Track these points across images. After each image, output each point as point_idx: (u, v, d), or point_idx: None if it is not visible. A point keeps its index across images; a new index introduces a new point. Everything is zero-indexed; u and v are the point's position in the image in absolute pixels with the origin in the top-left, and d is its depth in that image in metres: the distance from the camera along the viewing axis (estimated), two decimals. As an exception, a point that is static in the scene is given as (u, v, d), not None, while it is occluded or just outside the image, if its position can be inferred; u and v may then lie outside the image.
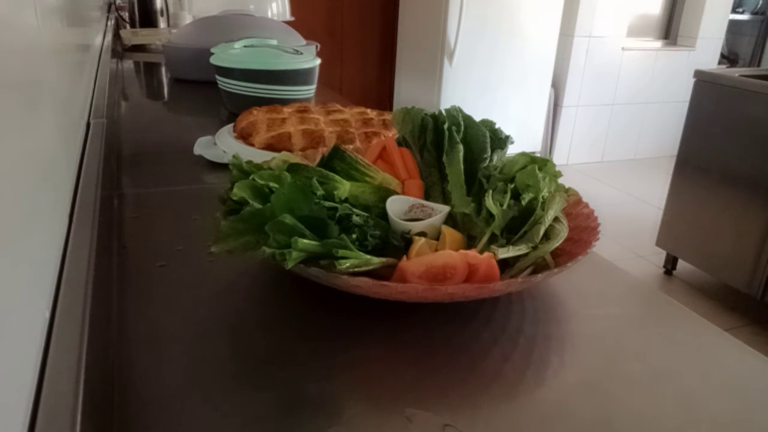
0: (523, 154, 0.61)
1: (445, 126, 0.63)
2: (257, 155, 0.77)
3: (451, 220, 0.58)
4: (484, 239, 0.55)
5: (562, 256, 0.53)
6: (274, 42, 1.19)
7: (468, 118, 0.64)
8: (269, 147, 0.84)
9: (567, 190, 0.60)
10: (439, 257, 0.50)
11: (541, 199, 0.56)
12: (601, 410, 0.41)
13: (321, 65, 1.18)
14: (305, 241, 0.47)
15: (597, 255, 0.61)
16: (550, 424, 0.40)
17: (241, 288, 0.54)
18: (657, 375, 0.45)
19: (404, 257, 0.52)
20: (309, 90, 1.16)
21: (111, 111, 0.97)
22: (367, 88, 3.88)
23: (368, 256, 0.49)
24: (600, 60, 3.86)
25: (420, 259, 0.50)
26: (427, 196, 0.62)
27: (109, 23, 1.95)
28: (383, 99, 3.92)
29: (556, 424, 0.40)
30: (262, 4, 1.91)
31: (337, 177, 0.57)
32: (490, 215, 0.57)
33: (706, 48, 4.16)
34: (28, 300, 0.36)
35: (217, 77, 1.12)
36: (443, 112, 0.65)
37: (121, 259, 0.58)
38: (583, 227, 0.57)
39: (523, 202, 0.57)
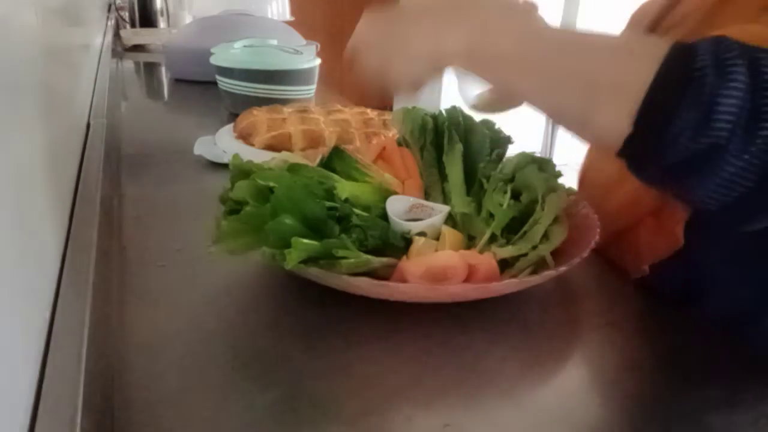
0: (523, 154, 0.61)
1: (445, 126, 0.63)
2: (257, 155, 0.77)
3: (451, 220, 0.58)
4: (484, 239, 0.55)
5: (562, 256, 0.53)
6: (274, 42, 1.19)
7: (468, 118, 0.64)
8: (269, 147, 0.84)
9: (567, 190, 0.60)
10: (439, 257, 0.50)
11: (541, 199, 0.56)
12: (601, 410, 0.41)
13: (321, 65, 1.18)
14: (305, 241, 0.47)
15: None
16: (550, 424, 0.40)
17: (241, 288, 0.54)
18: (656, 374, 0.45)
19: (404, 257, 0.52)
20: (309, 90, 1.16)
21: (111, 111, 0.97)
22: (367, 88, 3.87)
23: (368, 256, 0.49)
24: (600, 60, 3.85)
25: (420, 259, 0.50)
26: (427, 196, 0.62)
27: (109, 23, 1.95)
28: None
29: (556, 424, 0.40)
30: (262, 4, 1.90)
31: (337, 177, 0.57)
32: (490, 215, 0.57)
33: (706, 48, 4.16)
34: (28, 301, 0.36)
35: (217, 77, 1.12)
36: (443, 112, 0.65)
37: (121, 259, 0.58)
38: (583, 227, 0.57)
39: (523, 202, 0.57)
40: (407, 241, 0.54)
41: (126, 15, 2.01)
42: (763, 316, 0.51)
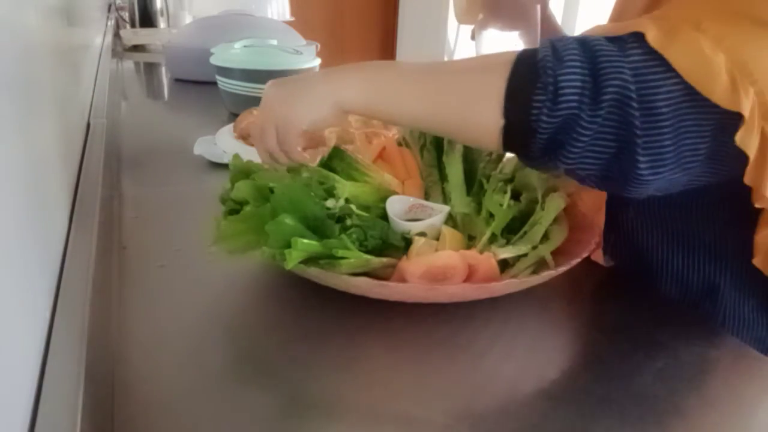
0: (523, 154, 0.61)
1: (445, 126, 0.63)
2: (257, 155, 0.77)
3: (451, 220, 0.58)
4: (484, 239, 0.55)
5: (562, 256, 0.53)
6: (274, 42, 1.19)
7: (468, 118, 0.64)
8: (269, 147, 0.83)
9: (566, 190, 0.60)
10: (439, 257, 0.50)
11: (541, 199, 0.56)
12: (601, 410, 0.41)
13: (321, 65, 1.18)
14: (305, 241, 0.47)
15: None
16: (549, 424, 0.40)
17: (241, 288, 0.54)
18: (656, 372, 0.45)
19: (404, 257, 0.52)
20: (309, 90, 1.16)
21: (111, 111, 0.97)
22: (367, 88, 3.86)
23: (368, 256, 0.49)
24: (600, 60, 3.85)
25: (420, 259, 0.50)
26: (427, 196, 0.62)
27: (109, 23, 1.95)
28: (383, 99, 3.91)
29: (555, 424, 0.40)
30: (262, 4, 1.91)
31: (337, 177, 0.57)
32: (490, 215, 0.57)
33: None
34: (28, 300, 0.36)
35: (217, 77, 1.12)
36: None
37: (121, 259, 0.58)
38: (583, 227, 0.57)
39: (523, 202, 0.57)
40: (407, 241, 0.53)
41: (126, 15, 2.01)
42: (706, 300, 0.56)
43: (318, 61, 1.16)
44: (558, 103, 0.42)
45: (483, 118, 0.45)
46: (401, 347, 0.47)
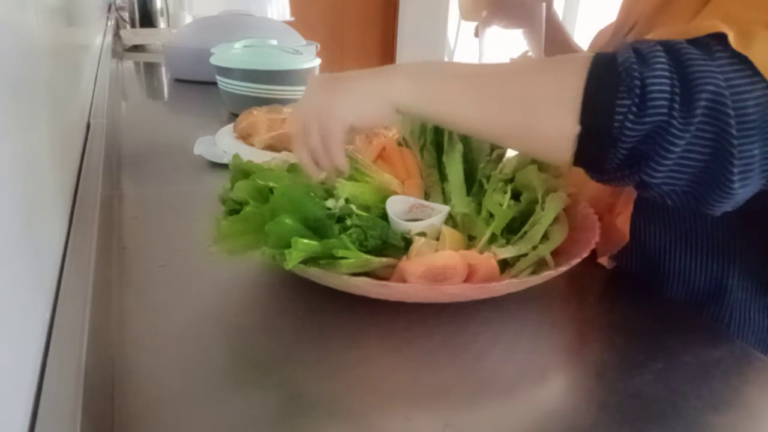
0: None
1: (445, 126, 0.63)
2: (257, 155, 0.77)
3: (451, 220, 0.58)
4: (484, 239, 0.55)
5: (562, 256, 0.53)
6: (274, 42, 1.19)
7: (468, 118, 0.64)
8: (269, 147, 0.84)
9: (567, 191, 0.60)
10: (439, 257, 0.50)
11: (541, 200, 0.56)
12: (601, 410, 0.41)
13: (321, 65, 1.18)
14: (305, 241, 0.47)
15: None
16: (550, 424, 0.40)
17: (241, 288, 0.54)
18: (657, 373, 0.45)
19: (404, 257, 0.52)
20: (309, 90, 1.16)
21: (111, 111, 0.97)
22: (367, 88, 3.86)
23: (368, 256, 0.49)
24: (600, 60, 3.84)
25: (420, 259, 0.50)
26: (427, 196, 0.62)
27: (109, 23, 1.95)
28: (383, 99, 3.91)
29: (555, 424, 0.40)
30: (262, 4, 1.91)
31: (337, 177, 0.57)
32: (490, 215, 0.57)
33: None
34: (28, 300, 0.36)
35: (217, 77, 1.12)
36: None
37: (121, 259, 0.58)
38: (583, 227, 0.57)
39: (523, 202, 0.57)
40: (407, 241, 0.54)
41: (126, 15, 2.01)
42: (712, 302, 0.55)
43: (318, 61, 1.16)
44: (645, 108, 0.38)
45: (553, 125, 0.41)
46: (401, 347, 0.47)
